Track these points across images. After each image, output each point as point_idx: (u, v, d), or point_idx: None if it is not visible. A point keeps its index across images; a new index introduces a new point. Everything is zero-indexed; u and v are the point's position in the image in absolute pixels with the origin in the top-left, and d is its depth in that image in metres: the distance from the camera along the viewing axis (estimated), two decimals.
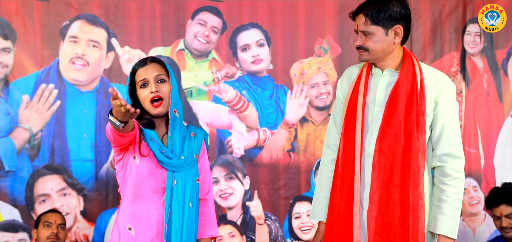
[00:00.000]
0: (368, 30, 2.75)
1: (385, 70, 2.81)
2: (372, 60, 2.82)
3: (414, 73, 2.77)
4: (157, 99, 2.72)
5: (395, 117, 2.73)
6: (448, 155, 2.74)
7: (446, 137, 2.74)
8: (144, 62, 2.78)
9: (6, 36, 4.30)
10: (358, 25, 2.78)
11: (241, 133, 4.49)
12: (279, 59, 4.52)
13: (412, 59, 2.81)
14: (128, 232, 2.74)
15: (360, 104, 2.80)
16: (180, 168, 2.75)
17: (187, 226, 2.73)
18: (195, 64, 4.48)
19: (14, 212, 4.27)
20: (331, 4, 4.55)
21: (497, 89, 4.61)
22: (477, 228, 4.54)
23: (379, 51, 2.76)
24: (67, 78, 4.35)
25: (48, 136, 4.32)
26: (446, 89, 2.77)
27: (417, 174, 2.70)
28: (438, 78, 2.79)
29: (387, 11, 2.73)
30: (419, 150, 2.71)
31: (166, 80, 2.76)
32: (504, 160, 4.55)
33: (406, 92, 2.74)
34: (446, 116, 2.75)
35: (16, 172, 4.28)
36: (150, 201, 2.74)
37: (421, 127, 2.71)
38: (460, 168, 2.75)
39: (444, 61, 4.61)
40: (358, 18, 2.79)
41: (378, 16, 2.73)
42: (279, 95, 4.53)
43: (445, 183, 2.73)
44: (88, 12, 4.38)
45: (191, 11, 4.47)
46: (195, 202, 2.80)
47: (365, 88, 2.82)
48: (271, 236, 4.45)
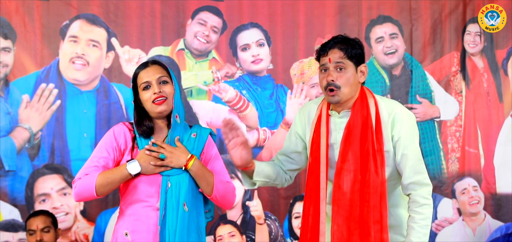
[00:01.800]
0: (344, 63, 2.73)
1: (341, 113, 2.80)
2: (339, 102, 2.78)
3: (367, 107, 2.76)
4: (159, 98, 2.72)
5: (350, 154, 2.73)
6: (413, 183, 2.75)
7: (409, 167, 2.74)
8: (145, 65, 2.78)
9: (6, 35, 4.30)
10: (330, 59, 2.74)
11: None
12: (279, 58, 4.52)
13: (366, 95, 2.79)
14: (125, 238, 2.73)
15: (323, 145, 2.80)
16: (174, 172, 2.74)
17: (181, 229, 2.70)
18: (195, 64, 4.48)
19: (14, 212, 4.27)
20: (331, 4, 4.55)
21: (497, 89, 4.61)
22: (477, 228, 4.54)
23: (348, 90, 2.75)
24: (67, 78, 4.35)
25: (48, 136, 4.32)
26: (399, 120, 2.75)
27: (378, 208, 2.70)
28: (390, 110, 2.77)
29: (358, 50, 2.77)
30: (379, 184, 2.70)
31: (168, 82, 2.76)
32: (504, 160, 4.55)
33: (359, 127, 2.74)
34: (404, 146, 2.74)
35: (16, 172, 4.29)
36: (146, 205, 2.73)
37: (379, 162, 2.71)
38: (427, 194, 2.76)
39: (444, 61, 4.61)
40: (332, 52, 2.74)
41: (352, 52, 2.74)
42: (279, 94, 4.53)
43: (413, 210, 2.75)
44: (88, 12, 4.38)
45: (191, 10, 4.47)
46: (193, 205, 2.77)
47: (327, 129, 2.82)
48: (271, 235, 4.45)
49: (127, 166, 2.65)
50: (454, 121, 4.60)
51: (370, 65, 4.54)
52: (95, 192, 2.65)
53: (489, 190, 4.53)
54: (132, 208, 2.74)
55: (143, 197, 2.73)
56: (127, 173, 2.66)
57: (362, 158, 2.72)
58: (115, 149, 2.74)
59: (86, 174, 2.68)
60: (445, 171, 4.56)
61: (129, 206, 2.75)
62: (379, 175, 2.71)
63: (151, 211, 2.72)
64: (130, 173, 2.65)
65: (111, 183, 2.66)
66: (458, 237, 4.52)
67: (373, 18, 4.58)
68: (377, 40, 4.58)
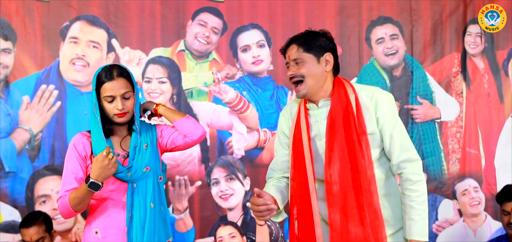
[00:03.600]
0: (301, 57, 2.82)
1: (320, 102, 2.86)
2: (308, 94, 2.86)
3: (346, 95, 2.83)
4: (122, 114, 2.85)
5: (336, 142, 2.77)
6: (404, 161, 2.78)
7: (397, 146, 2.79)
8: (111, 75, 2.84)
9: (7, 37, 4.31)
10: (289, 56, 2.86)
11: (242, 134, 4.49)
12: (280, 59, 4.52)
13: (343, 84, 2.88)
14: (95, 236, 2.85)
15: (305, 138, 2.85)
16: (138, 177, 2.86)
17: (149, 226, 2.84)
18: (196, 65, 4.48)
19: (14, 213, 4.27)
20: (331, 4, 4.55)
21: (497, 89, 4.61)
22: (478, 229, 4.53)
23: (313, 81, 2.83)
24: (67, 79, 4.35)
25: (48, 137, 4.32)
26: (382, 102, 2.82)
27: (369, 192, 2.74)
28: (371, 94, 2.84)
29: (317, 41, 2.85)
30: (367, 167, 2.75)
31: (131, 95, 2.87)
32: (505, 160, 4.55)
33: (341, 115, 2.79)
34: (390, 126, 2.80)
35: (16, 173, 4.28)
36: (113, 203, 2.85)
37: (364, 146, 2.76)
38: (419, 170, 2.80)
39: (444, 61, 4.61)
40: (289, 49, 2.87)
41: (309, 44, 2.84)
42: (279, 95, 4.53)
43: (408, 188, 2.78)
44: (88, 13, 4.38)
45: (191, 11, 4.48)
46: (158, 201, 2.91)
47: (307, 123, 2.88)
48: (271, 237, 4.45)
49: (88, 185, 2.72)
50: (454, 122, 4.60)
51: (371, 66, 4.54)
52: (73, 211, 2.78)
53: (490, 191, 4.52)
54: (101, 207, 2.86)
55: (109, 195, 2.84)
56: (90, 190, 2.74)
57: (348, 145, 2.76)
58: (79, 159, 2.85)
59: (62, 196, 2.80)
60: (445, 172, 4.56)
61: (97, 204, 2.87)
62: (365, 158, 2.74)
63: (120, 208, 2.84)
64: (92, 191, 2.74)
65: (82, 200, 2.76)
66: (459, 238, 4.51)
67: (374, 19, 4.58)
68: (378, 41, 4.58)
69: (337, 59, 2.91)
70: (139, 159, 2.87)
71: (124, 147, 2.91)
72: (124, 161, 2.86)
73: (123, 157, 2.87)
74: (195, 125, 3.00)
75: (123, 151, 2.89)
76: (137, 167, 2.85)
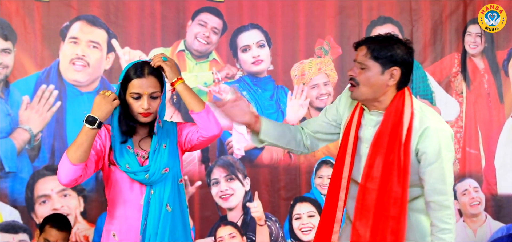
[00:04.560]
0: (365, 64, 2.70)
1: (372, 110, 2.78)
2: (360, 100, 2.78)
3: (401, 116, 2.69)
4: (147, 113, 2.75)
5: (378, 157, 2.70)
6: (433, 202, 2.69)
7: (430, 185, 2.68)
8: (141, 72, 2.75)
9: (7, 37, 4.30)
10: (357, 55, 2.75)
11: (242, 134, 4.44)
12: (280, 60, 4.52)
13: (403, 100, 2.73)
14: (113, 239, 2.78)
15: (351, 137, 2.79)
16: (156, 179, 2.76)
17: (163, 230, 2.74)
18: (196, 65, 4.48)
19: (14, 213, 4.26)
20: (331, 4, 4.55)
21: (497, 89, 4.61)
22: (478, 229, 4.53)
23: (368, 90, 2.71)
24: (67, 79, 4.35)
25: (48, 137, 4.32)
26: (429, 137, 2.67)
27: (397, 220, 2.66)
28: (423, 122, 2.69)
29: (390, 51, 2.69)
30: (400, 196, 2.66)
31: (158, 96, 2.76)
32: (505, 160, 4.55)
33: (387, 137, 2.69)
34: (428, 163, 2.67)
35: (16, 173, 4.28)
36: (131, 205, 2.77)
37: (403, 174, 2.65)
38: (447, 218, 2.67)
39: (444, 62, 4.60)
40: (360, 49, 2.75)
41: (379, 52, 2.69)
42: (279, 95, 4.53)
43: (434, 235, 2.70)
44: (88, 13, 4.38)
45: (191, 11, 4.47)
46: (177, 205, 2.81)
47: (358, 123, 2.81)
48: (271, 237, 4.45)
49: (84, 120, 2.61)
50: (454, 122, 4.59)
51: None
52: (70, 162, 2.60)
53: (490, 191, 4.53)
54: (117, 208, 2.78)
55: (127, 197, 2.76)
56: (87, 128, 2.61)
57: (386, 168, 2.67)
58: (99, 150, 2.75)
59: None
60: None
61: (115, 206, 2.79)
62: (401, 187, 2.65)
63: (137, 210, 2.76)
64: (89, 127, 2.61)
65: (79, 146, 2.60)
66: (459, 238, 4.51)
67: (374, 19, 4.58)
68: None
69: (407, 74, 2.74)
70: (157, 160, 2.76)
71: (143, 147, 2.80)
72: (144, 162, 2.76)
73: (143, 157, 2.77)
74: (212, 121, 2.79)
75: (142, 150, 2.79)
76: (156, 169, 2.74)
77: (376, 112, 2.76)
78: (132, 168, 2.73)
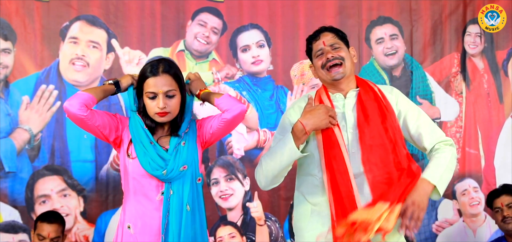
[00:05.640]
0: (337, 43, 2.89)
1: (349, 92, 2.90)
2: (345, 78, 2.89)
3: (372, 88, 2.89)
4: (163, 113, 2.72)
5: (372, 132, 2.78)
6: (437, 142, 2.85)
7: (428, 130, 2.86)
8: (156, 70, 2.73)
9: (6, 37, 4.30)
10: (324, 42, 2.89)
11: (241, 134, 4.48)
12: (279, 60, 4.52)
13: (363, 79, 2.97)
14: (128, 231, 2.76)
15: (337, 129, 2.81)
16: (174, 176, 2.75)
17: (185, 229, 2.73)
18: (195, 65, 4.48)
19: (14, 213, 4.26)
20: (331, 4, 4.55)
21: (497, 90, 4.62)
22: (478, 229, 4.54)
23: (350, 64, 2.91)
24: (67, 79, 4.35)
25: (48, 137, 4.32)
26: (400, 95, 2.94)
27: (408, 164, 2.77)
28: (389, 89, 2.96)
29: (344, 34, 2.98)
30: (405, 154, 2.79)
31: (175, 94, 2.74)
32: (505, 161, 4.55)
33: (372, 105, 2.83)
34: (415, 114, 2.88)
35: (16, 173, 4.28)
36: (148, 200, 2.75)
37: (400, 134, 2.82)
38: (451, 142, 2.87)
39: (444, 62, 4.61)
40: (323, 36, 2.91)
41: (341, 35, 2.95)
42: (279, 96, 4.53)
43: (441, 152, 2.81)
44: (88, 13, 4.38)
45: (191, 11, 4.47)
46: (196, 204, 2.79)
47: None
48: (271, 237, 4.45)
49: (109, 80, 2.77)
50: (454, 122, 4.60)
51: (370, 66, 4.54)
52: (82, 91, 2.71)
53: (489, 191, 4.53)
54: (134, 202, 2.77)
55: (144, 191, 2.75)
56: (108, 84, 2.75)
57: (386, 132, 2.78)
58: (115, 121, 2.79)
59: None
60: None
61: (131, 199, 2.77)
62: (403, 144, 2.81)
63: (154, 207, 2.74)
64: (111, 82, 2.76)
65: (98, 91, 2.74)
66: (458, 238, 4.51)
67: (373, 19, 4.58)
68: (377, 41, 4.58)
69: None
70: (177, 157, 2.74)
71: (163, 144, 2.79)
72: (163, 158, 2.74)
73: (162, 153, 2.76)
74: (234, 101, 2.75)
75: (162, 147, 2.78)
76: (174, 165, 2.72)
77: (352, 92, 2.89)
78: (150, 164, 2.71)
